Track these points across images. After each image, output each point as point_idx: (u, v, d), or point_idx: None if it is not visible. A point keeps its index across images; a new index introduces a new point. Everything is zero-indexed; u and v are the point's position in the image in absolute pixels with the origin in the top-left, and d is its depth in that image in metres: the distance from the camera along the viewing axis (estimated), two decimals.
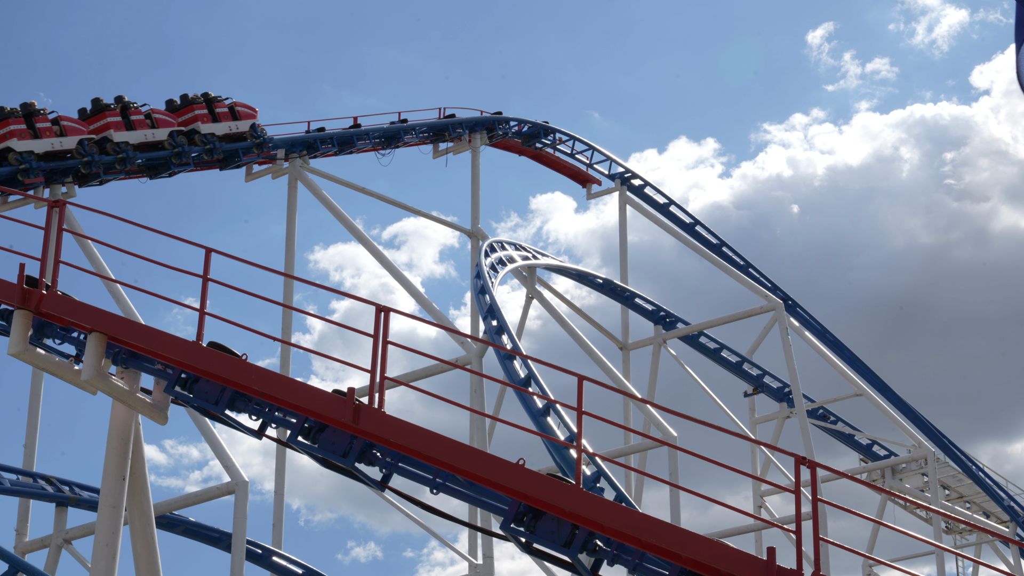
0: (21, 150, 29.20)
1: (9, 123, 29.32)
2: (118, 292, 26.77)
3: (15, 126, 29.33)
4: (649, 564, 13.62)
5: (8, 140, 29.19)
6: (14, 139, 29.20)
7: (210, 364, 15.61)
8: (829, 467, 14.79)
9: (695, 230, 41.41)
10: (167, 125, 32.20)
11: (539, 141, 42.90)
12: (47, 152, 29.67)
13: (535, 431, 21.03)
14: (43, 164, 29.56)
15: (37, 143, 29.49)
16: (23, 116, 29.61)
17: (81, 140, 30.32)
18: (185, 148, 32.35)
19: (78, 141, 30.26)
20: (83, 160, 30.19)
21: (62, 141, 29.98)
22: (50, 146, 29.70)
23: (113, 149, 30.79)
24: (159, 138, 31.86)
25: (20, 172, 29.14)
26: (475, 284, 29.15)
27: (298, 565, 26.85)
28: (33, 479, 26.50)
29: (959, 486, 42.89)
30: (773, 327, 37.12)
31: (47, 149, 29.65)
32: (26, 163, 29.23)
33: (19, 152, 29.16)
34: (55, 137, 29.85)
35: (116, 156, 30.75)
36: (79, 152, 30.22)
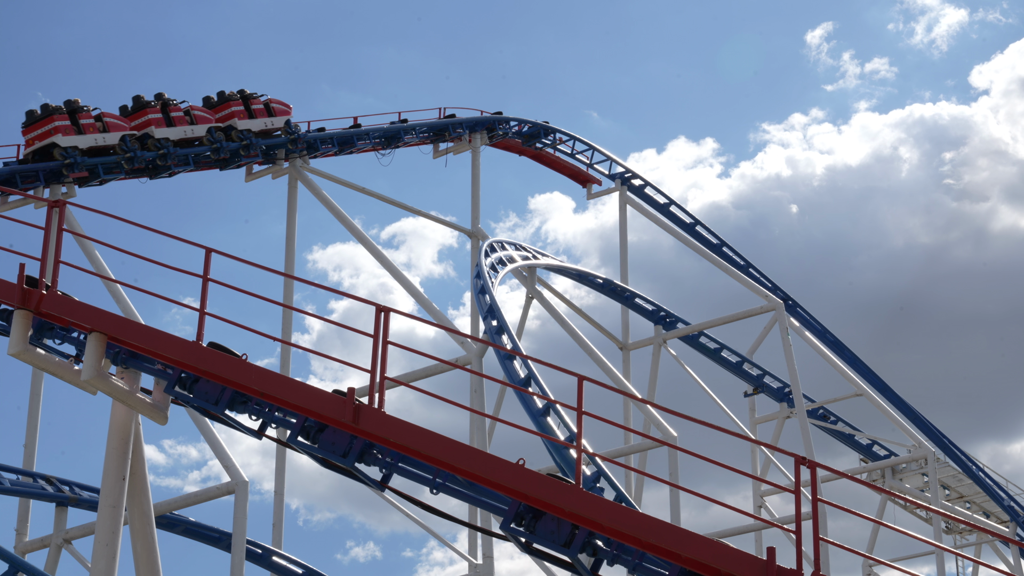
0: (66, 145, 29.97)
1: (54, 119, 30.08)
2: (118, 292, 26.78)
3: (60, 122, 30.09)
4: (649, 564, 13.63)
5: (53, 136, 29.94)
6: (59, 135, 29.96)
7: (210, 364, 15.61)
8: (829, 467, 14.79)
9: (695, 230, 41.39)
10: (205, 121, 32.95)
11: (539, 141, 42.90)
12: (91, 147, 30.48)
13: (535, 431, 21.03)
14: (87, 159, 30.32)
15: (81, 139, 30.25)
16: (67, 112, 30.33)
17: (123, 136, 31.07)
18: (223, 144, 33.12)
19: (120, 137, 31.01)
20: (125, 156, 30.92)
21: (105, 137, 30.73)
22: (93, 141, 30.46)
23: (154, 145, 31.55)
24: (198, 134, 32.71)
25: (65, 167, 29.99)
26: (475, 284, 29.15)
27: (298, 565, 26.85)
28: (33, 479, 26.50)
29: (959, 486, 42.89)
30: (773, 327, 37.12)
31: (91, 144, 30.43)
32: (71, 158, 29.99)
33: (64, 147, 29.96)
34: (98, 133, 30.63)
35: (157, 152, 31.59)
36: (121, 148, 30.97)
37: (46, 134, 30.05)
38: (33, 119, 30.39)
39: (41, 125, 30.18)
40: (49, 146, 29.99)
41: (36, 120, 30.35)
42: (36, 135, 30.19)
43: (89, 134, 30.46)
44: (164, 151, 31.66)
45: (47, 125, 30.08)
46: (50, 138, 29.98)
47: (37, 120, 30.33)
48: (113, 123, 31.10)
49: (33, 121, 30.38)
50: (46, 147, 30.02)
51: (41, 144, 30.06)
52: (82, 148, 30.29)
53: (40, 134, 30.15)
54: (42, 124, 30.18)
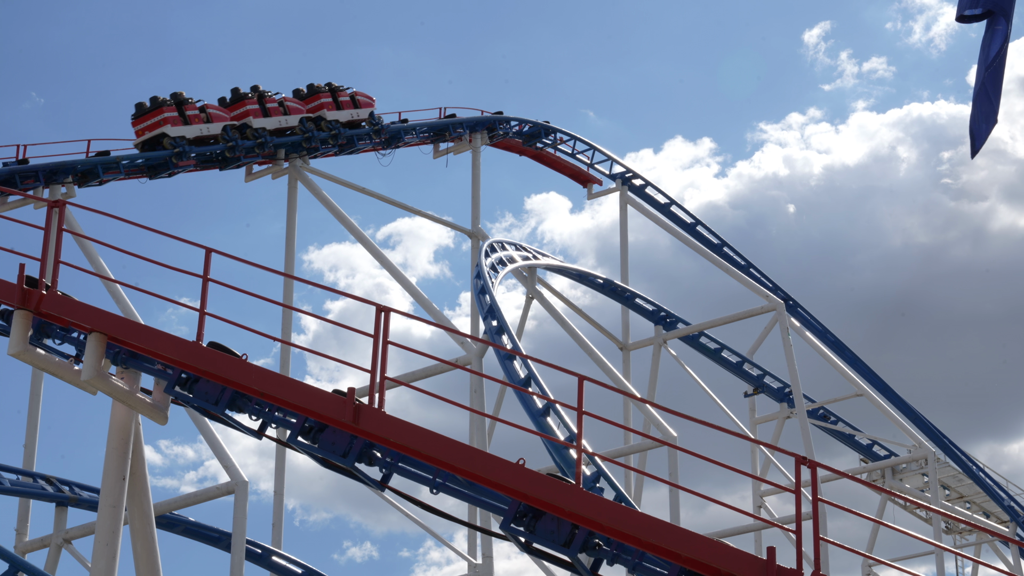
0: (175, 135, 31.75)
1: (163, 111, 31.76)
2: (118, 292, 26.78)
3: (168, 114, 31.81)
4: (649, 564, 13.63)
5: (163, 127, 31.65)
6: (168, 125, 31.68)
7: (210, 364, 15.61)
8: (829, 467, 14.80)
9: (696, 230, 41.38)
10: (297, 112, 34.70)
11: (540, 141, 42.90)
12: (197, 137, 32.31)
13: (535, 431, 21.03)
14: (193, 148, 32.12)
15: (188, 129, 32.02)
16: (174, 104, 31.99)
17: (225, 126, 32.90)
18: (313, 133, 34.74)
19: (222, 127, 32.85)
20: (228, 144, 32.73)
21: (209, 127, 32.54)
22: (199, 132, 32.29)
23: (252, 134, 33.32)
24: (291, 124, 34.39)
25: (174, 156, 31.75)
26: (475, 284, 29.15)
27: (298, 565, 26.85)
28: (33, 479, 26.51)
29: (959, 486, 42.88)
30: (774, 327, 37.12)
31: (196, 134, 32.24)
32: (179, 147, 31.75)
33: (173, 137, 31.76)
34: (203, 123, 32.41)
35: (255, 141, 33.33)
36: (223, 137, 32.83)
37: (156, 125, 31.69)
38: (142, 111, 31.93)
39: (151, 116, 31.80)
40: (159, 136, 31.64)
41: (145, 112, 31.91)
42: (146, 126, 31.81)
43: (195, 124, 32.19)
44: (261, 140, 33.40)
45: (156, 116, 31.73)
46: (160, 128, 31.63)
47: (146, 112, 31.89)
48: (216, 114, 32.82)
49: (142, 113, 31.93)
50: (156, 137, 31.65)
51: (151, 134, 31.66)
52: (189, 138, 32.05)
53: (150, 125, 31.76)
54: (152, 116, 31.79)
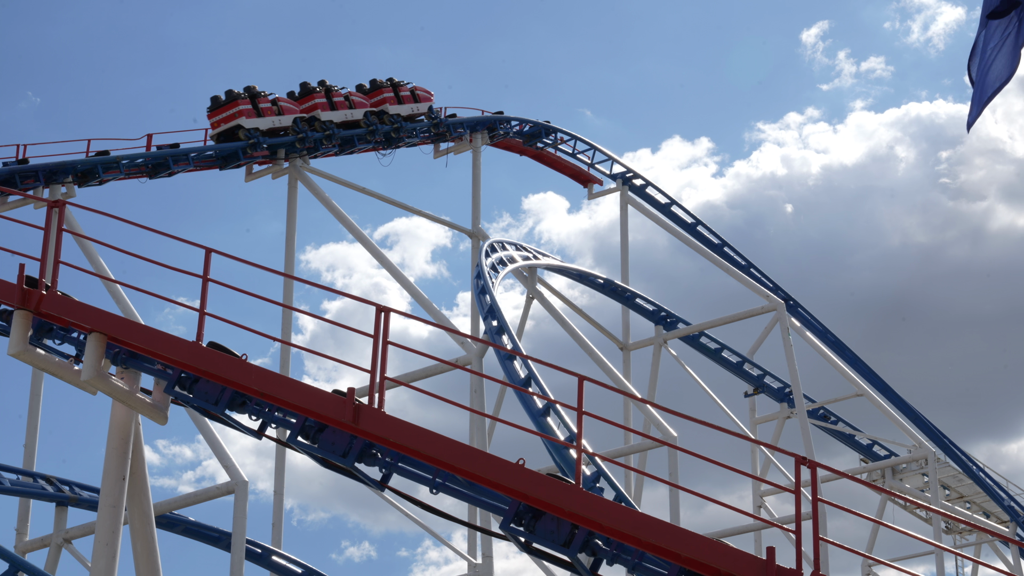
0: (249, 127, 33.24)
1: (238, 103, 33.35)
2: (118, 292, 26.78)
3: (243, 106, 33.38)
4: (648, 564, 13.63)
5: (238, 118, 33.16)
6: (243, 117, 33.22)
7: (210, 364, 15.61)
8: (829, 467, 14.80)
9: (696, 230, 41.38)
10: (362, 106, 36.41)
11: (540, 141, 42.89)
12: (269, 128, 33.73)
13: (535, 431, 21.03)
14: (266, 139, 33.52)
15: (261, 120, 33.54)
16: (248, 97, 33.55)
17: (295, 119, 34.32)
18: (376, 127, 36.43)
19: (293, 119, 34.27)
20: (298, 136, 34.06)
21: (280, 119, 33.99)
22: (271, 123, 33.76)
23: (320, 127, 34.80)
24: (356, 117, 36.13)
25: (249, 146, 33.24)
26: (475, 284, 29.14)
27: (298, 564, 26.85)
28: (33, 479, 26.52)
29: (959, 486, 42.89)
30: (774, 327, 37.11)
31: (269, 126, 33.70)
32: (253, 138, 33.18)
33: (247, 128, 33.24)
34: (275, 116, 33.89)
35: (323, 133, 34.76)
36: (294, 129, 34.18)
37: (231, 117, 33.20)
38: (218, 104, 33.49)
39: (226, 109, 33.32)
40: (235, 128, 33.15)
41: (221, 105, 33.46)
42: (222, 118, 33.33)
43: (267, 117, 33.72)
44: (329, 132, 34.84)
45: (232, 109, 33.26)
46: (235, 120, 33.13)
47: (222, 105, 33.45)
48: (287, 107, 34.36)
49: (218, 106, 33.49)
50: (232, 129, 33.15)
51: (227, 126, 33.18)
52: (263, 129, 33.51)
53: (225, 117, 33.27)
54: (227, 108, 33.32)
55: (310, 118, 34.66)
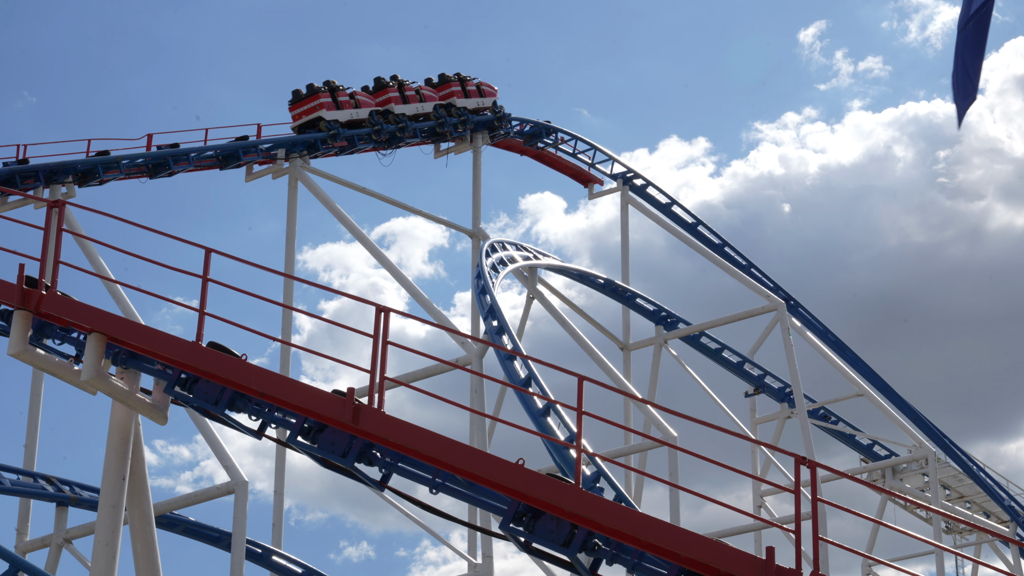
0: (329, 119, 35.08)
1: (319, 97, 35.23)
2: (118, 292, 26.78)
3: (324, 99, 35.25)
4: (648, 563, 13.63)
5: (319, 111, 35.00)
6: (323, 110, 35.07)
7: (210, 364, 15.60)
8: (829, 467, 14.79)
9: (697, 230, 41.38)
10: (432, 99, 38.24)
11: (541, 141, 42.87)
12: (348, 121, 35.68)
13: (535, 431, 21.03)
14: (345, 131, 35.38)
15: (340, 113, 35.46)
16: (328, 91, 35.43)
17: (371, 111, 36.34)
18: (445, 119, 38.14)
19: (369, 112, 36.28)
20: (374, 128, 36.02)
21: (357, 112, 35.97)
22: (350, 116, 35.72)
23: (394, 119, 36.69)
24: (426, 110, 37.89)
25: (329, 137, 34.88)
26: (476, 284, 29.14)
27: (298, 564, 26.84)
28: (34, 479, 26.52)
29: (959, 486, 42.88)
30: (775, 327, 37.10)
31: (348, 118, 35.65)
32: (333, 129, 34.93)
33: (328, 120, 35.05)
34: (352, 108, 35.81)
35: (397, 125, 36.66)
36: (370, 121, 36.13)
37: (312, 109, 35.04)
38: (299, 97, 35.35)
39: (308, 102, 35.20)
40: (316, 120, 34.92)
41: (302, 98, 35.32)
42: (303, 110, 35.15)
43: (346, 109, 35.63)
44: (402, 124, 36.71)
45: (313, 102, 35.13)
46: (316, 113, 34.96)
47: (303, 98, 35.30)
48: (363, 100, 36.21)
49: (299, 99, 35.35)
50: (313, 120, 34.91)
51: (308, 118, 34.96)
52: (342, 121, 35.40)
53: (307, 109, 35.11)
54: (309, 101, 35.20)
55: (384, 111, 36.44)
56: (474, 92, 39.58)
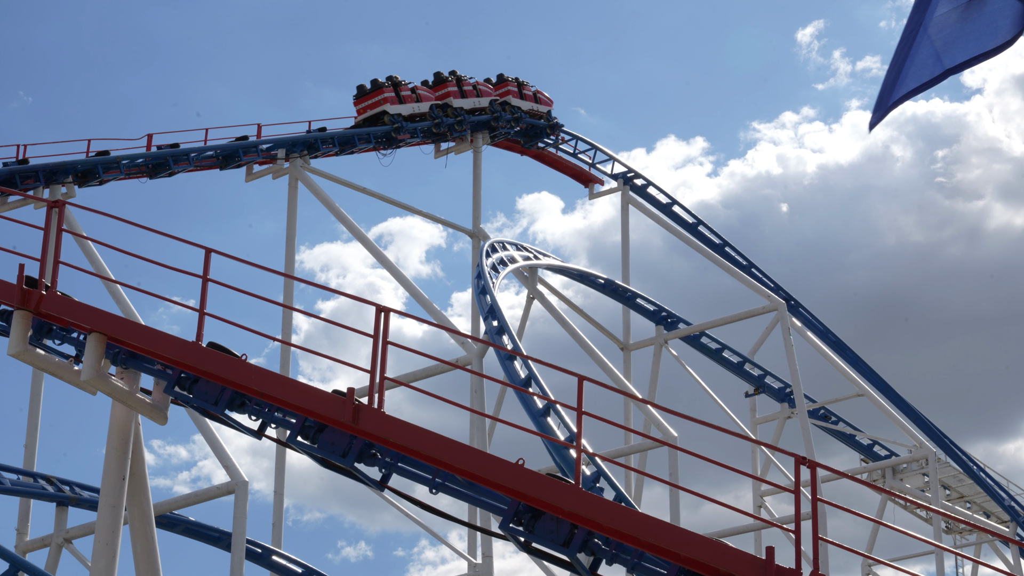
0: (393, 112, 36.64)
1: (383, 91, 36.80)
2: (118, 292, 26.77)
3: (388, 94, 36.81)
4: (648, 563, 13.63)
5: (384, 105, 36.57)
6: (388, 104, 36.63)
7: (210, 364, 15.60)
8: (829, 467, 14.79)
9: (698, 230, 41.40)
10: (488, 95, 39.81)
11: (541, 140, 42.87)
12: (411, 114, 37.17)
13: (535, 431, 21.02)
14: (408, 124, 36.91)
15: (403, 107, 36.99)
16: (392, 86, 37.04)
17: (432, 105, 37.80)
18: (501, 114, 39.61)
19: (430, 106, 37.74)
20: (434, 121, 37.61)
21: (419, 106, 37.47)
22: (412, 109, 37.22)
23: (452, 113, 38.20)
24: (483, 105, 39.47)
25: (393, 130, 36.49)
26: (476, 284, 29.14)
27: (298, 564, 26.84)
28: (34, 479, 26.52)
29: (960, 486, 42.88)
30: (775, 327, 37.09)
31: (410, 112, 37.17)
32: (397, 123, 36.53)
33: (392, 114, 36.62)
34: (414, 103, 37.29)
35: (455, 119, 38.21)
36: (430, 115, 37.69)
37: (377, 104, 36.62)
38: (364, 92, 36.93)
39: (372, 97, 36.73)
40: (380, 113, 36.51)
41: (367, 93, 36.89)
42: (368, 104, 36.73)
43: (408, 103, 37.12)
44: (460, 118, 38.26)
45: (377, 96, 36.66)
46: (381, 107, 36.54)
47: (367, 93, 36.86)
48: (424, 95, 37.76)
49: (364, 94, 36.91)
50: (377, 114, 36.52)
51: (373, 112, 36.59)
52: (404, 115, 36.90)
53: (371, 103, 36.68)
54: (373, 95, 36.73)
55: (443, 105, 37.90)
56: (530, 96, 41.14)
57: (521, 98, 40.69)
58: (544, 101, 41.66)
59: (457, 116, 38.22)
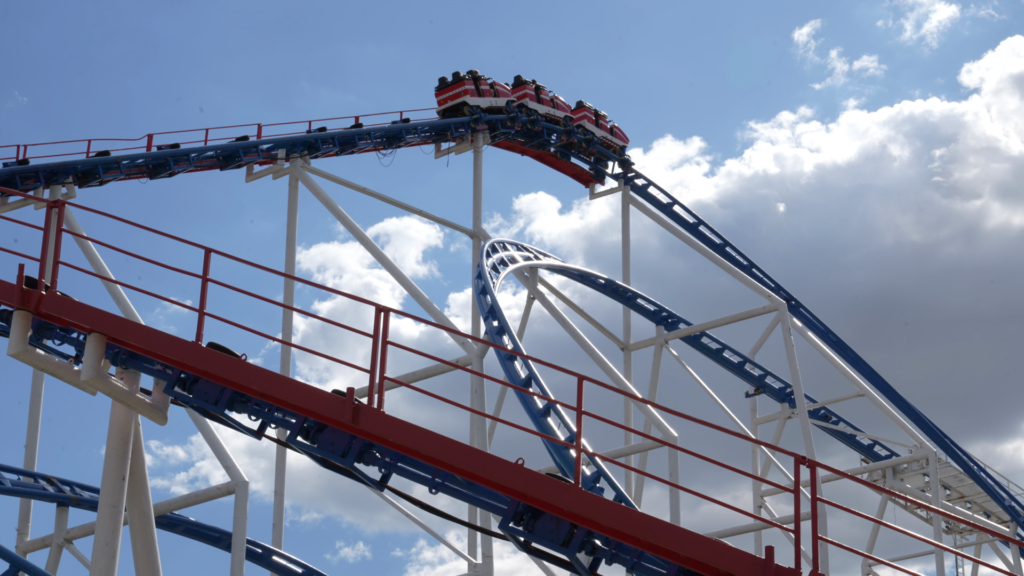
0: (472, 104, 38.82)
1: (464, 84, 39.00)
2: (118, 292, 26.77)
3: (468, 86, 38.97)
4: (647, 563, 13.63)
5: (464, 96, 38.76)
6: (468, 96, 38.81)
7: (210, 364, 15.60)
8: (829, 466, 14.80)
9: (698, 230, 41.41)
10: (564, 110, 41.87)
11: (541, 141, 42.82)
12: (488, 107, 39.25)
13: (535, 431, 21.02)
14: (485, 115, 38.98)
15: (482, 100, 39.16)
16: (472, 80, 39.15)
17: (508, 101, 39.94)
18: (574, 131, 41.65)
19: (506, 101, 39.88)
20: (509, 116, 39.65)
21: (496, 100, 39.61)
22: (489, 103, 39.35)
23: (526, 112, 40.32)
24: (557, 116, 41.48)
25: (472, 121, 38.62)
26: (476, 284, 29.13)
27: (298, 564, 26.85)
28: (34, 479, 26.53)
29: (960, 486, 42.88)
30: (775, 327, 37.08)
31: (488, 105, 39.30)
32: (475, 114, 38.67)
33: (471, 105, 38.80)
34: (492, 97, 39.45)
35: (529, 118, 40.32)
36: (506, 110, 39.68)
37: (458, 95, 38.76)
38: (445, 84, 39.13)
39: (453, 88, 38.93)
40: (460, 104, 38.66)
41: (448, 85, 39.07)
42: (449, 95, 38.85)
43: (486, 97, 39.27)
44: (534, 117, 40.39)
45: (458, 88, 38.86)
46: (461, 98, 38.68)
47: (448, 85, 39.05)
48: (502, 91, 39.95)
49: (445, 86, 39.09)
50: (457, 105, 38.67)
51: (453, 103, 38.71)
52: (483, 107, 39.00)
53: (452, 95, 38.83)
54: (454, 88, 38.95)
55: (519, 104, 40.06)
56: (605, 127, 42.78)
57: (596, 125, 42.50)
58: (620, 136, 43.23)
59: (531, 116, 40.29)
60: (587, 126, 41.89)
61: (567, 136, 41.29)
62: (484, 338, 27.35)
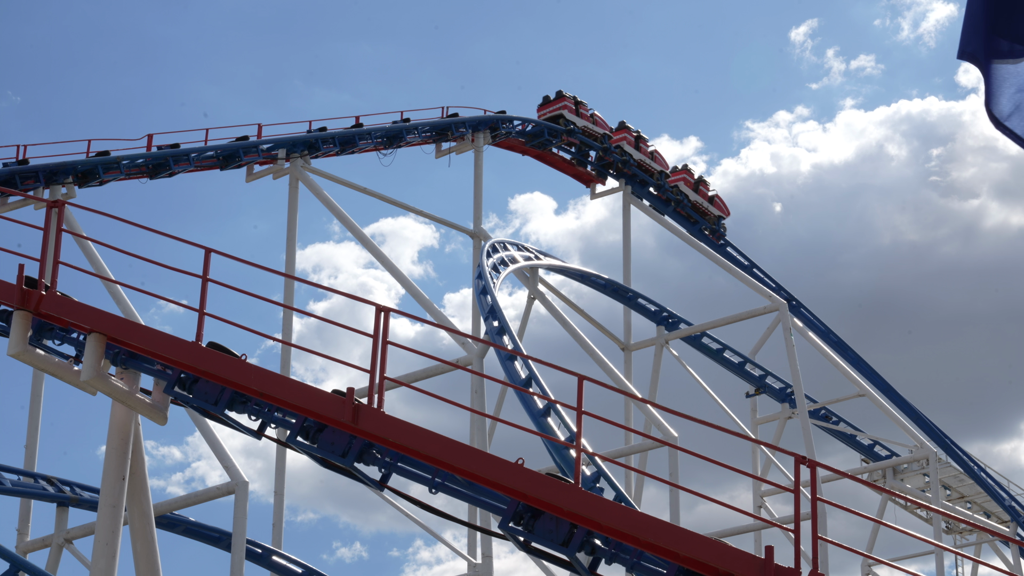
0: (568, 118, 42.04)
1: (563, 100, 42.42)
2: (118, 292, 26.78)
3: (567, 103, 42.33)
4: (647, 563, 13.63)
5: (562, 110, 42.16)
6: (566, 111, 42.15)
7: (210, 364, 15.59)
8: (829, 466, 14.79)
9: (699, 230, 41.44)
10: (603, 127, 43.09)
11: (543, 140, 42.85)
12: (582, 129, 42.32)
13: (535, 431, 21.02)
14: (576, 133, 41.94)
15: (577, 119, 42.40)
16: (573, 100, 42.45)
17: (604, 134, 42.67)
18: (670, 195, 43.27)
19: (603, 133, 42.63)
20: (602, 147, 42.23)
21: (592, 127, 42.59)
22: (585, 125, 42.40)
23: (620, 153, 42.37)
24: (653, 169, 43.18)
25: (566, 132, 41.66)
26: (476, 285, 29.14)
27: (298, 564, 26.85)
28: (34, 479, 26.54)
29: (960, 486, 42.89)
30: (776, 328, 37.09)
31: (583, 127, 42.43)
32: (569, 127, 41.79)
33: (567, 119, 42.01)
34: (589, 122, 42.61)
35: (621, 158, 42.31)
36: (600, 140, 42.36)
37: (557, 109, 42.12)
38: (547, 100, 42.53)
39: (555, 103, 42.29)
40: (557, 116, 41.96)
41: (550, 101, 42.45)
42: (550, 109, 42.21)
43: (583, 120, 42.40)
44: (625, 159, 42.46)
45: (559, 104, 42.22)
46: (560, 111, 42.10)
47: (550, 101, 42.43)
48: (600, 122, 42.93)
49: (547, 102, 42.47)
50: (555, 116, 41.97)
51: (552, 114, 42.07)
52: (577, 126, 42.02)
53: (553, 109, 42.20)
54: (556, 102, 42.30)
55: (603, 135, 42.54)
56: (704, 194, 44.47)
57: (695, 190, 44.06)
58: (719, 206, 44.68)
59: (623, 156, 42.39)
60: (625, 147, 42.90)
61: (604, 154, 42.50)
62: (484, 338, 27.35)
